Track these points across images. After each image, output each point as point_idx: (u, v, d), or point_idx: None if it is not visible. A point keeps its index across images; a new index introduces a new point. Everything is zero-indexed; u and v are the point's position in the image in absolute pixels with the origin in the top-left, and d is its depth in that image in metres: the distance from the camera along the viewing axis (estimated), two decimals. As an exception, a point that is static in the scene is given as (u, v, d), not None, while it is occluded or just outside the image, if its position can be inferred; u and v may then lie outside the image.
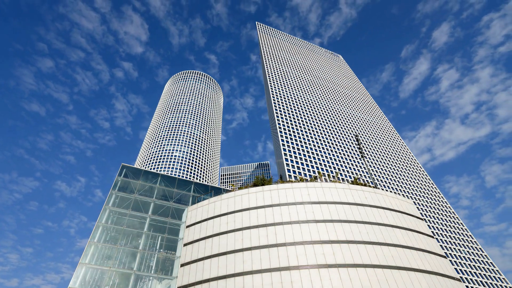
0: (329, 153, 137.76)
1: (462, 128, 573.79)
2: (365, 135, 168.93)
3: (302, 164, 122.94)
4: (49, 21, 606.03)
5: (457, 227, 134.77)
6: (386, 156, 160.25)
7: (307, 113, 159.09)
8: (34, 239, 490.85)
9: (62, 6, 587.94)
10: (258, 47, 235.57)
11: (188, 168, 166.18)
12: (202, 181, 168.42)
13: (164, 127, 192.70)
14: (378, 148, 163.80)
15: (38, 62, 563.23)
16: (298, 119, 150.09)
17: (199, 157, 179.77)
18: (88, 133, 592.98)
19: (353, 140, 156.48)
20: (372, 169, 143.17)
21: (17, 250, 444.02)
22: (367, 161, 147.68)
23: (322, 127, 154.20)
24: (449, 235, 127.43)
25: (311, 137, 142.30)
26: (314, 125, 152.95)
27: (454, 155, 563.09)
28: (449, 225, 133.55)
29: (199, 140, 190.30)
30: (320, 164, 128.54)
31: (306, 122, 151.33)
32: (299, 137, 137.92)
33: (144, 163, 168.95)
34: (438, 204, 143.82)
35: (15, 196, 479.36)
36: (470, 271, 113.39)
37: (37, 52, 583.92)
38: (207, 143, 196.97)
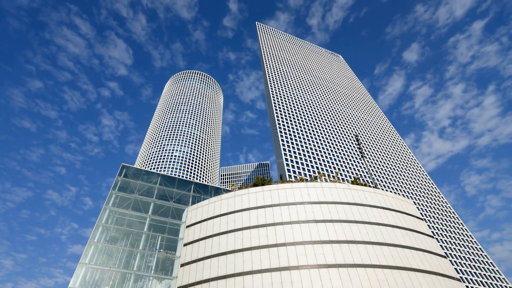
0: (329, 153, 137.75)
1: (440, 141, 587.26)
2: (365, 135, 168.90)
3: (302, 164, 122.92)
4: (36, 45, 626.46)
5: (457, 227, 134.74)
6: (386, 156, 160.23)
7: (307, 113, 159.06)
8: (28, 245, 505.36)
9: (47, 32, 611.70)
10: (258, 48, 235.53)
11: (188, 168, 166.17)
12: (202, 181, 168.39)
13: (164, 127, 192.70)
14: (378, 148, 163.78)
15: (27, 83, 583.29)
16: (298, 119, 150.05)
17: (199, 157, 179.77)
18: (77, 146, 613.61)
19: (353, 140, 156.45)
20: (372, 169, 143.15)
21: (11, 256, 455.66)
22: (367, 161, 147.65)
23: (322, 127, 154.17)
24: (449, 235, 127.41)
25: (311, 137, 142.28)
26: (314, 125, 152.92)
27: (434, 166, 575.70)
28: (449, 225, 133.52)
29: (199, 140, 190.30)
30: (320, 164, 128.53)
31: (306, 122, 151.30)
32: (299, 137, 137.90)
33: (144, 163, 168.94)
34: (438, 204, 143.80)
35: (8, 205, 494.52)
36: (470, 271, 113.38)
37: (26, 73, 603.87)
38: (207, 143, 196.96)
